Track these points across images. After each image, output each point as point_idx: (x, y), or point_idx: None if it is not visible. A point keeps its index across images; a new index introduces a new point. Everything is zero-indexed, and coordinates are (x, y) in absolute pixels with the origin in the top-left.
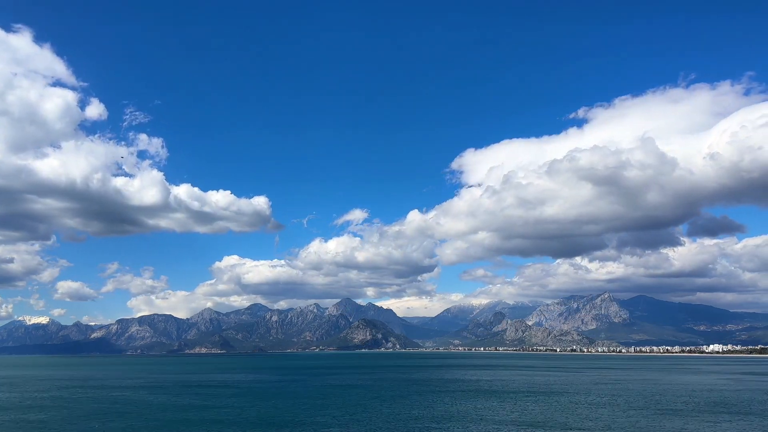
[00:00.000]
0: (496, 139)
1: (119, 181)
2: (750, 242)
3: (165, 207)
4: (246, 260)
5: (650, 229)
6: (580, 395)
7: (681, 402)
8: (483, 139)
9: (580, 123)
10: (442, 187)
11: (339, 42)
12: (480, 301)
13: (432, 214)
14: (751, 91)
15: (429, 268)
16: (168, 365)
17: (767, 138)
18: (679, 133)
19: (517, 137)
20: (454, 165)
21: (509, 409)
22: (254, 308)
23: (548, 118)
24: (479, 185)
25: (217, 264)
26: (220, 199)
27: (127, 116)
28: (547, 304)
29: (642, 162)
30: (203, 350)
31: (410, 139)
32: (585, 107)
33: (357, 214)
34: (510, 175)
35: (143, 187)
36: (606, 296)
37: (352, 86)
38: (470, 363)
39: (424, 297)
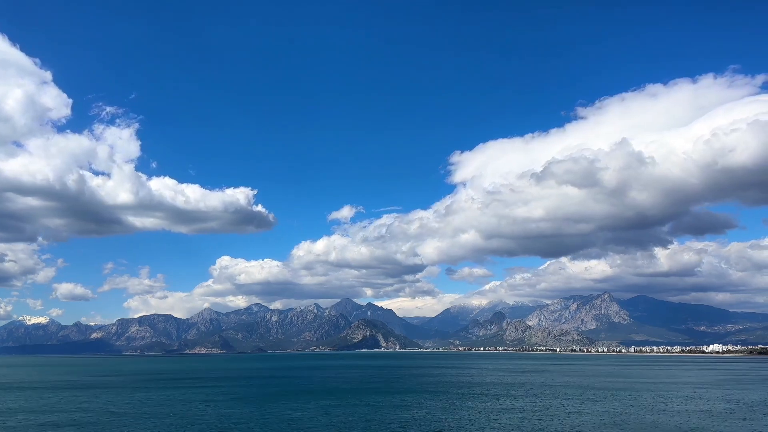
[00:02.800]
0: (483, 139)
1: (97, 180)
2: (741, 242)
3: (150, 205)
4: (239, 260)
5: (638, 228)
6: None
7: None
8: (470, 140)
9: (563, 122)
10: (432, 187)
11: (328, 38)
12: (480, 301)
13: (422, 213)
14: (734, 84)
15: (420, 268)
16: (98, 366)
17: (741, 140)
18: (663, 130)
19: (502, 137)
20: (443, 165)
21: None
22: (254, 308)
23: (533, 117)
24: (466, 186)
25: (212, 264)
26: (207, 197)
27: (96, 109)
28: (547, 304)
29: (625, 161)
30: (203, 350)
31: (400, 138)
32: (570, 106)
33: (346, 214)
34: (496, 176)
35: (122, 186)
36: (606, 296)
37: (344, 84)
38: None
39: (418, 297)
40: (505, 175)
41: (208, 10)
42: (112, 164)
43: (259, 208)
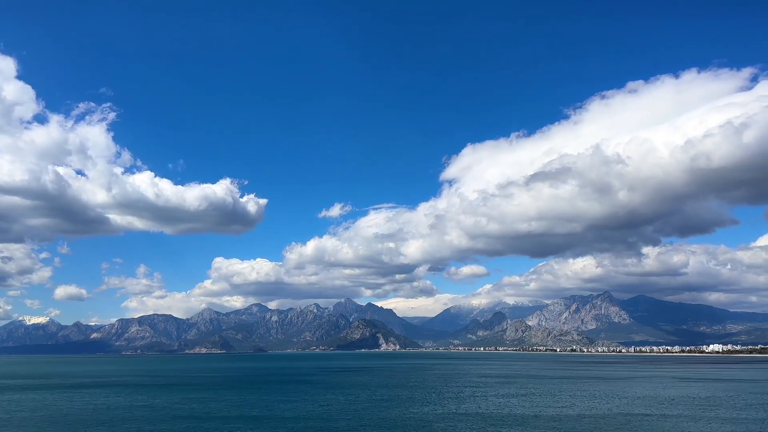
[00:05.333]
0: (471, 140)
1: (74, 178)
2: (730, 240)
3: (129, 203)
4: (233, 260)
5: (627, 228)
6: None
7: None
8: (458, 142)
9: (549, 122)
10: (422, 187)
11: (316, 36)
12: (480, 301)
13: (414, 214)
14: (719, 78)
15: (412, 268)
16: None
17: (716, 143)
18: (648, 129)
19: (490, 139)
20: (432, 166)
21: None
22: (254, 308)
23: (519, 119)
24: (455, 186)
25: (207, 264)
26: (194, 193)
27: (67, 106)
28: (547, 305)
29: (610, 161)
30: (203, 350)
31: (390, 139)
32: (555, 106)
33: (337, 212)
34: (483, 177)
35: (100, 184)
36: (606, 296)
37: (336, 83)
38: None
39: (418, 297)
40: (492, 177)
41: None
42: (87, 161)
43: (245, 199)
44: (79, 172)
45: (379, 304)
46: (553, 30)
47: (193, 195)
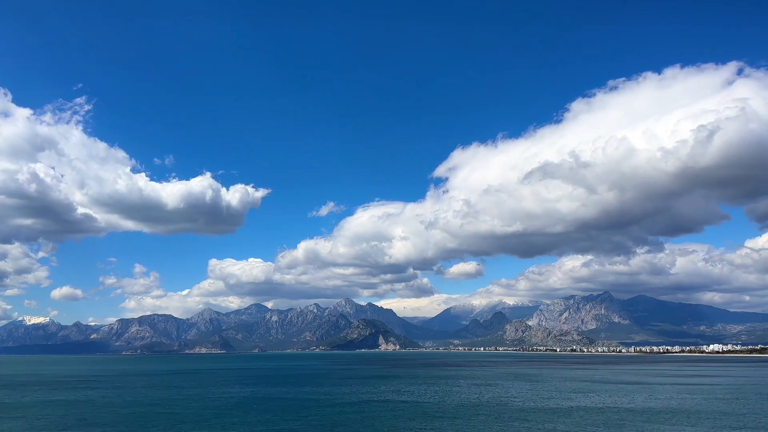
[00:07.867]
0: (461, 142)
1: (52, 178)
2: (722, 240)
3: (110, 203)
4: (227, 261)
5: (617, 228)
6: None
7: None
8: (448, 143)
9: (537, 124)
10: (410, 187)
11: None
12: (480, 301)
13: (402, 213)
14: (704, 74)
15: (407, 268)
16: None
17: (699, 144)
18: (635, 128)
19: (478, 141)
20: (423, 166)
21: None
22: (254, 308)
23: (507, 121)
24: (446, 187)
25: (203, 265)
26: (171, 191)
27: (42, 101)
28: (547, 305)
29: (597, 162)
30: (203, 350)
31: (381, 139)
32: (544, 107)
33: (330, 212)
34: (472, 179)
35: (80, 183)
36: (606, 296)
37: (330, 82)
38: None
39: (418, 297)
40: (480, 178)
41: None
42: (62, 158)
43: (231, 192)
44: (54, 169)
45: (379, 304)
46: (540, 31)
47: (171, 191)
